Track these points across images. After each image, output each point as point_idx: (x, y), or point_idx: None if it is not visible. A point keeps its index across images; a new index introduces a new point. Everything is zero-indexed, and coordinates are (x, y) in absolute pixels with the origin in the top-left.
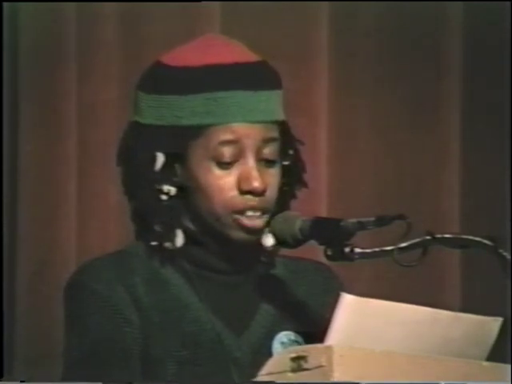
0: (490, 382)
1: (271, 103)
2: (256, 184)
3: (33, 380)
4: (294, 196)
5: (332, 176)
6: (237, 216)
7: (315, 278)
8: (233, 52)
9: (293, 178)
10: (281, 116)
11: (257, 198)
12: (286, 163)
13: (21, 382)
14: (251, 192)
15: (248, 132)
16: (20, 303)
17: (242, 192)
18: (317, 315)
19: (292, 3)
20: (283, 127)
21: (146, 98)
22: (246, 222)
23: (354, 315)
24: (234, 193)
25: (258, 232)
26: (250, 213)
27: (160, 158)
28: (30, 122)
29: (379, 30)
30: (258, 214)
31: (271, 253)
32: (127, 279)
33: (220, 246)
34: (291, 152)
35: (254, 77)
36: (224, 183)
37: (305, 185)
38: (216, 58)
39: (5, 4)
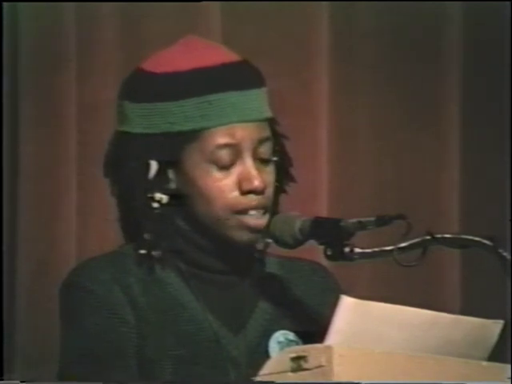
0: (489, 382)
1: (261, 101)
2: (257, 183)
3: (33, 380)
4: (284, 191)
5: (332, 176)
6: (239, 216)
7: (311, 277)
8: (216, 53)
9: (282, 174)
10: (270, 113)
11: (258, 197)
12: (274, 159)
13: (21, 382)
14: (252, 191)
15: (244, 132)
16: (20, 303)
17: (243, 192)
18: (314, 314)
19: (292, 3)
20: (272, 124)
21: (134, 107)
22: (249, 221)
23: (353, 318)
24: (235, 193)
25: (260, 231)
26: (252, 212)
27: (153, 166)
28: (30, 123)
29: (379, 30)
30: (260, 212)
31: (262, 251)
32: (123, 279)
33: (218, 248)
34: (277, 148)
35: (243, 76)
36: (224, 185)
37: (293, 179)
38: (202, 60)
39: (4, 4)
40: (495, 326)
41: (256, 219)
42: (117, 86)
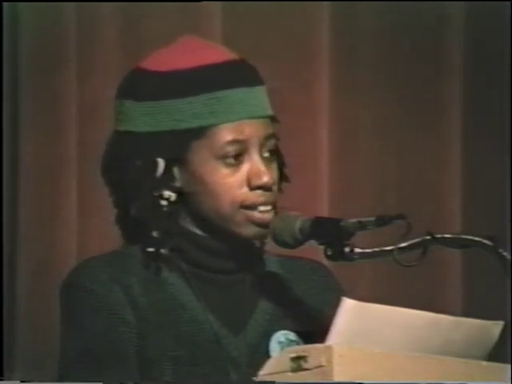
0: (490, 382)
1: (264, 98)
2: (266, 179)
3: (33, 380)
4: (279, 190)
5: (332, 176)
6: (248, 212)
7: (312, 276)
8: (216, 51)
9: (278, 173)
10: (271, 111)
11: (266, 193)
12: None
13: (21, 382)
14: (261, 187)
15: (252, 128)
16: (20, 303)
17: (252, 188)
18: (314, 314)
19: (292, 3)
20: (272, 122)
21: (138, 106)
22: (257, 216)
23: (354, 320)
24: (244, 189)
25: (267, 225)
26: (262, 208)
27: (161, 164)
28: (31, 123)
29: (380, 30)
30: (268, 208)
31: (260, 249)
32: (123, 279)
33: (222, 246)
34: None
35: (246, 73)
36: (233, 181)
37: (287, 179)
38: (204, 58)
39: (5, 4)
40: (495, 327)
41: (263, 214)
42: (117, 86)
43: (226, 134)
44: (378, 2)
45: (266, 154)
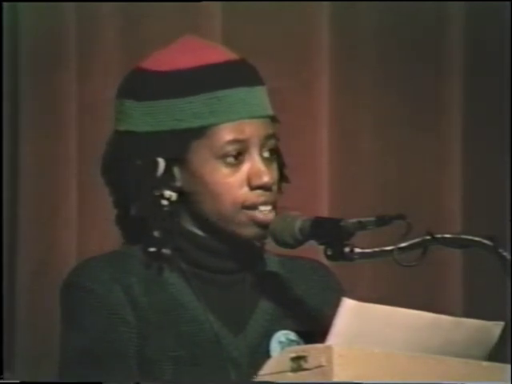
0: (489, 382)
1: (265, 98)
2: (266, 179)
3: (33, 380)
4: (279, 190)
5: (332, 176)
6: (249, 212)
7: (312, 276)
8: (217, 51)
9: (278, 174)
10: (272, 111)
11: (266, 193)
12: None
13: (21, 382)
14: (261, 187)
15: (252, 128)
16: (20, 303)
17: (253, 188)
18: (315, 314)
19: (292, 3)
20: (273, 122)
21: (138, 105)
22: (259, 216)
23: (354, 320)
24: (245, 189)
25: (267, 226)
26: (262, 208)
27: (161, 164)
28: (31, 123)
29: (380, 30)
30: (269, 208)
31: (260, 249)
32: (123, 279)
33: (222, 246)
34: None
35: (247, 73)
36: (233, 181)
37: (286, 180)
38: (205, 58)
39: (5, 4)
40: (496, 328)
41: (265, 215)
42: (117, 86)
43: (227, 134)
44: (378, 2)
45: (266, 154)
